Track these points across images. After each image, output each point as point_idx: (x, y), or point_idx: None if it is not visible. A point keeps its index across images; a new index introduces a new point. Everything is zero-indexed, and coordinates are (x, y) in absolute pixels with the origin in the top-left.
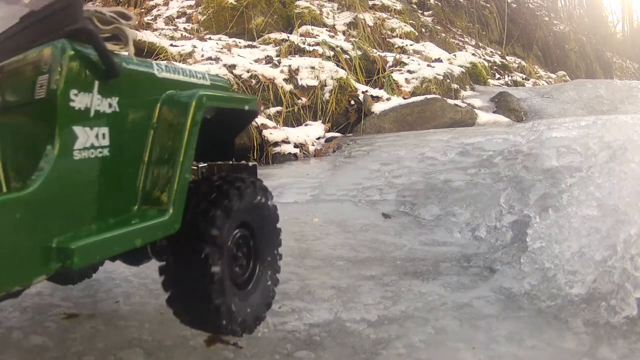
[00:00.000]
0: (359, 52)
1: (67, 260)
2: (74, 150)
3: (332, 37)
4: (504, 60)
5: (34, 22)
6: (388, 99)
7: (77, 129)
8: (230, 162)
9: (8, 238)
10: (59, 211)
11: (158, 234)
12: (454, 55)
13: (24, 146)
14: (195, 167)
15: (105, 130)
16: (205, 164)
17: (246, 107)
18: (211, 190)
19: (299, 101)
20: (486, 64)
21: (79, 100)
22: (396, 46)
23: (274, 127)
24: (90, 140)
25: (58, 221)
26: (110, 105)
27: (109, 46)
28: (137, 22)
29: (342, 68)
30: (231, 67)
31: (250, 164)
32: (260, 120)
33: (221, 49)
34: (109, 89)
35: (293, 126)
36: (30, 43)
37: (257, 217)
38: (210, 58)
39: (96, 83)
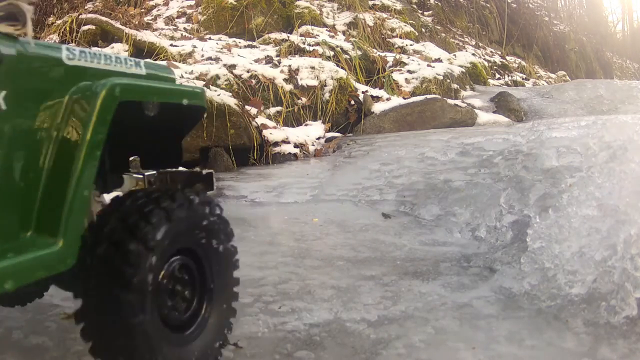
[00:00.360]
0: (359, 52)
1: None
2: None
3: (332, 37)
4: (504, 60)
5: None
6: (388, 99)
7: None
8: (182, 170)
9: None
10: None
11: (39, 273)
12: (454, 55)
13: None
14: (141, 176)
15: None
16: (154, 172)
17: (185, 102)
18: (130, 212)
19: (299, 101)
20: (486, 64)
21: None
22: (396, 46)
23: (274, 127)
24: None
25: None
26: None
27: (1, 27)
28: (137, 23)
29: (342, 68)
30: (231, 67)
31: (205, 171)
32: (260, 120)
33: (221, 49)
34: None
35: (293, 126)
36: None
37: (202, 240)
38: (210, 58)
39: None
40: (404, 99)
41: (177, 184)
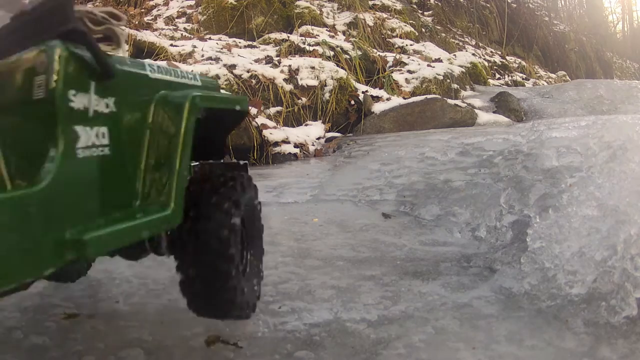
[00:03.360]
0: (359, 52)
1: (82, 251)
2: (77, 148)
3: (332, 37)
4: (504, 60)
5: (25, 23)
6: (388, 99)
7: (79, 128)
8: (222, 161)
9: (23, 232)
10: (69, 206)
11: (162, 227)
12: (454, 55)
13: (26, 144)
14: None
15: (104, 129)
16: (197, 163)
17: (237, 108)
18: (219, 185)
19: (299, 101)
20: (486, 64)
21: (78, 101)
22: (396, 46)
23: (274, 127)
24: (91, 139)
25: (69, 215)
26: (107, 106)
27: (102, 47)
28: (137, 23)
29: (342, 68)
30: (231, 67)
31: (242, 162)
32: (260, 120)
33: (221, 49)
34: (105, 89)
35: (293, 126)
36: (22, 43)
37: (249, 211)
38: (210, 58)
39: (92, 84)
40: (404, 99)
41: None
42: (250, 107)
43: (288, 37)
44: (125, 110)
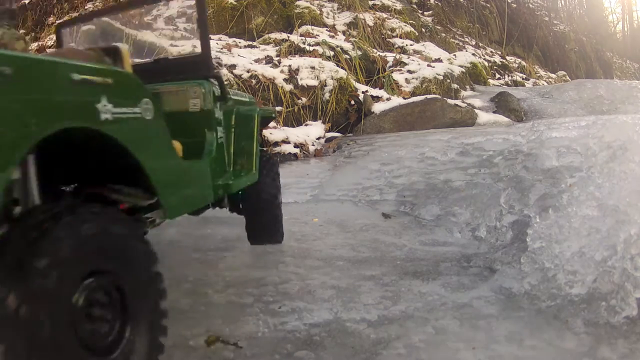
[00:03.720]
0: (359, 52)
1: (228, 189)
2: (218, 138)
3: (332, 37)
4: (504, 60)
5: (176, 64)
6: (388, 99)
7: (218, 128)
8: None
9: (204, 180)
10: (217, 168)
11: (251, 182)
12: (454, 55)
13: (188, 135)
14: None
15: (221, 128)
16: None
17: (273, 115)
18: (268, 163)
19: (299, 101)
20: (486, 64)
21: (216, 113)
22: (396, 46)
23: (274, 127)
24: (220, 133)
25: (219, 172)
26: (220, 115)
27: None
28: (137, 23)
29: (342, 68)
30: (231, 67)
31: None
32: None
33: (221, 49)
34: (222, 106)
35: (293, 126)
36: (178, 76)
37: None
38: None
39: (219, 104)
40: (404, 99)
41: None
42: None
43: (288, 37)
44: (225, 117)
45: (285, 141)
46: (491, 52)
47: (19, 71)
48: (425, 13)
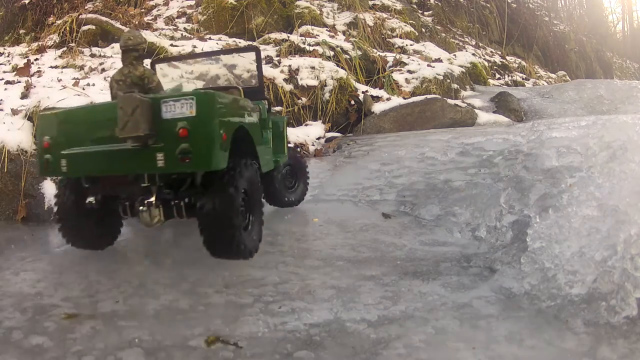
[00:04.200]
0: (359, 52)
1: (279, 162)
2: (268, 131)
3: (332, 37)
4: (504, 60)
5: (249, 92)
6: (388, 99)
7: (269, 129)
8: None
9: (269, 156)
10: (273, 149)
11: (284, 161)
12: (454, 55)
13: (262, 128)
14: None
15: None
16: None
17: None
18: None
19: (299, 101)
20: (486, 64)
21: (265, 118)
22: (396, 46)
23: None
24: (269, 131)
25: (274, 152)
26: (265, 118)
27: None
28: (137, 23)
29: (342, 68)
30: (231, 67)
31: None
32: None
33: (221, 49)
34: (269, 108)
35: (293, 126)
36: (247, 97)
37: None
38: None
39: (268, 114)
40: (404, 99)
41: None
42: None
43: (288, 37)
44: (267, 122)
45: None
46: (491, 52)
47: (234, 101)
48: (425, 13)
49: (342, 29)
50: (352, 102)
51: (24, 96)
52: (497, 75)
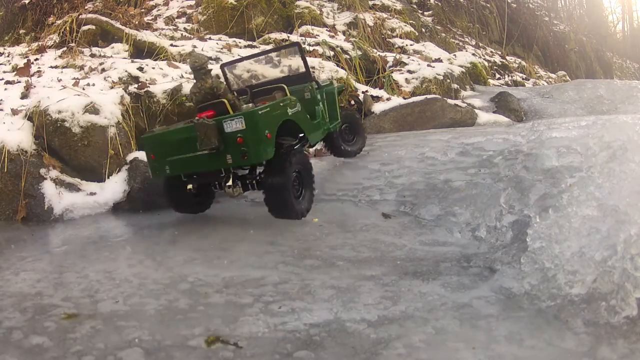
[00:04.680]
0: (359, 52)
1: (331, 129)
2: (320, 108)
3: (332, 37)
4: (504, 60)
5: (299, 76)
6: (388, 99)
7: (320, 103)
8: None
9: (321, 127)
10: (323, 121)
11: (338, 125)
12: (454, 55)
13: (309, 107)
14: None
15: (321, 102)
16: None
17: (343, 87)
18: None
19: None
20: (486, 64)
21: (318, 97)
22: (396, 46)
23: None
24: (321, 106)
25: (323, 123)
26: (316, 95)
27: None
28: (137, 23)
29: (342, 68)
30: (231, 67)
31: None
32: None
33: (221, 48)
34: (319, 92)
35: None
36: (299, 82)
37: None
38: (210, 58)
39: (317, 91)
40: (404, 99)
41: None
42: None
43: (288, 37)
44: (321, 93)
45: None
46: (491, 52)
47: (273, 107)
48: (425, 13)
49: (342, 29)
50: (352, 102)
51: (24, 96)
52: (497, 75)
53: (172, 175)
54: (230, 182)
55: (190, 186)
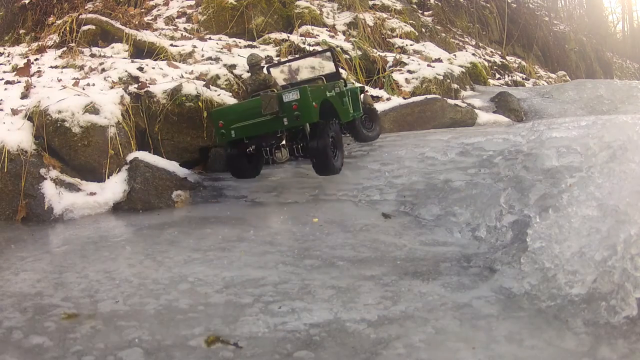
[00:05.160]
0: (359, 52)
1: (355, 116)
2: (346, 100)
3: (332, 37)
4: (504, 60)
5: (330, 75)
6: (388, 99)
7: (346, 97)
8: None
9: (348, 113)
10: (348, 110)
11: (360, 115)
12: (454, 55)
13: (340, 100)
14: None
15: (347, 96)
16: None
17: (365, 88)
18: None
19: None
20: (486, 63)
21: (344, 92)
22: (396, 46)
23: None
24: (347, 98)
25: (349, 111)
26: (344, 90)
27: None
28: (137, 23)
29: (342, 68)
30: (231, 67)
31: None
32: None
33: (221, 49)
34: (343, 86)
35: None
36: (332, 79)
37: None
38: (210, 58)
39: (344, 88)
40: (404, 99)
41: None
42: None
43: (288, 37)
44: (346, 91)
45: None
46: (491, 52)
47: (317, 88)
48: (425, 13)
49: (342, 29)
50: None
51: (24, 96)
52: (497, 75)
53: (236, 138)
54: (284, 142)
55: (250, 148)
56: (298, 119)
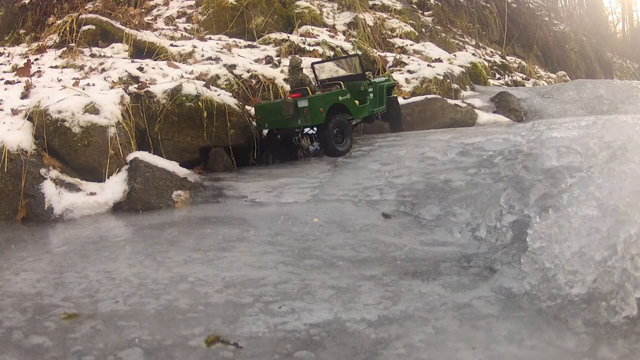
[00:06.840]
0: (359, 52)
1: (374, 112)
2: (371, 97)
3: (332, 37)
4: (504, 60)
5: (356, 76)
6: None
7: (371, 94)
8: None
9: (366, 109)
10: (371, 105)
11: (383, 110)
12: (454, 55)
13: (360, 95)
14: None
15: (372, 93)
16: None
17: (394, 84)
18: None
19: None
20: (486, 64)
21: (370, 90)
22: (396, 46)
23: None
24: (371, 95)
25: (371, 107)
26: (372, 86)
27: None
28: (137, 23)
29: (343, 68)
30: (231, 67)
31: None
32: None
33: (221, 48)
34: (370, 84)
35: None
36: (356, 79)
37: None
38: (210, 58)
39: (370, 87)
40: (404, 99)
41: None
42: (250, 107)
43: (288, 37)
44: (374, 87)
45: None
46: (491, 52)
47: (328, 95)
48: (425, 13)
49: (342, 29)
50: None
51: (24, 96)
52: (497, 75)
53: (269, 128)
54: (304, 133)
55: (278, 137)
56: (307, 120)
